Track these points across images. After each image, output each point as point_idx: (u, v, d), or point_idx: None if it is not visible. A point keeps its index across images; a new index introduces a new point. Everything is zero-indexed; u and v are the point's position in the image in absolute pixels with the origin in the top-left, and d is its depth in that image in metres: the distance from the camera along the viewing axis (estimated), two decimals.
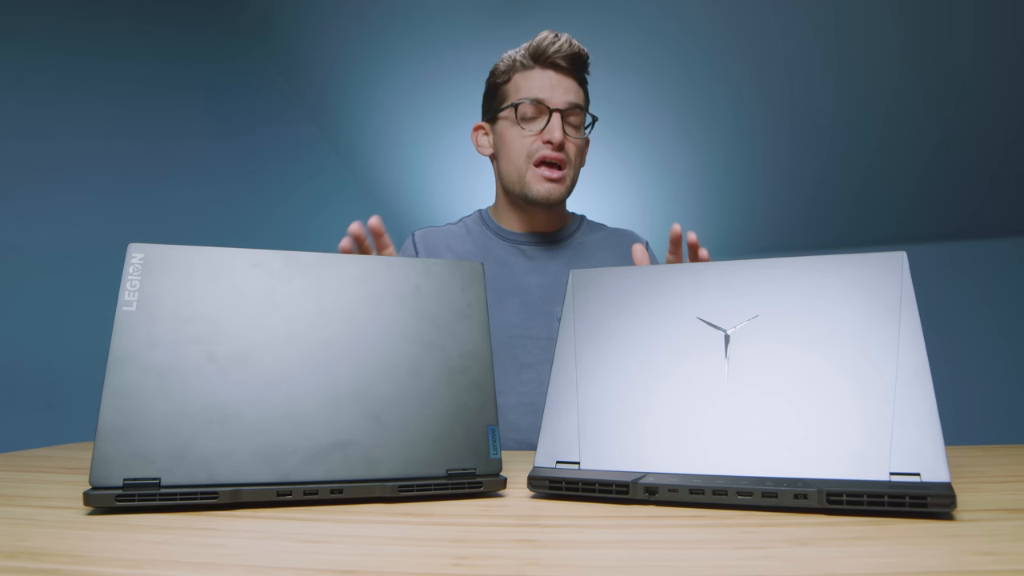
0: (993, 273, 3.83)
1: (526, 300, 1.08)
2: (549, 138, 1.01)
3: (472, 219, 1.19)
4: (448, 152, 3.42)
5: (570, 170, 1.05)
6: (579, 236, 1.17)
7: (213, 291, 0.55)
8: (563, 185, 1.05)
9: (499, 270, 1.10)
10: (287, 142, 3.03)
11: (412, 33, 2.73)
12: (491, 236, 1.14)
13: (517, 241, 1.13)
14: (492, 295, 1.08)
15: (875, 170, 3.28)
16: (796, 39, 2.60)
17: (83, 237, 1.93)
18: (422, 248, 1.13)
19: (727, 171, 3.38)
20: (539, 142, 1.03)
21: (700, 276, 0.60)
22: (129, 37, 2.16)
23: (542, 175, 1.03)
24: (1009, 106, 2.82)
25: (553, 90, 1.03)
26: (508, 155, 1.07)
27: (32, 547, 0.38)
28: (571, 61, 1.04)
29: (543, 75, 1.03)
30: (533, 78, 1.04)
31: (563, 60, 1.03)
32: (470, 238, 1.14)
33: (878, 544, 0.37)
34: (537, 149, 1.03)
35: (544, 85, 1.03)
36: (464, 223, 1.19)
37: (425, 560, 0.36)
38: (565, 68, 1.04)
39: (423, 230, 1.16)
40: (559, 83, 1.03)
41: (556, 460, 0.56)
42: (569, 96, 1.03)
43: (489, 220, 1.16)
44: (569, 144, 1.04)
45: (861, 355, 0.51)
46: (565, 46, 1.03)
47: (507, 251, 1.12)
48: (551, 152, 1.02)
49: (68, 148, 1.92)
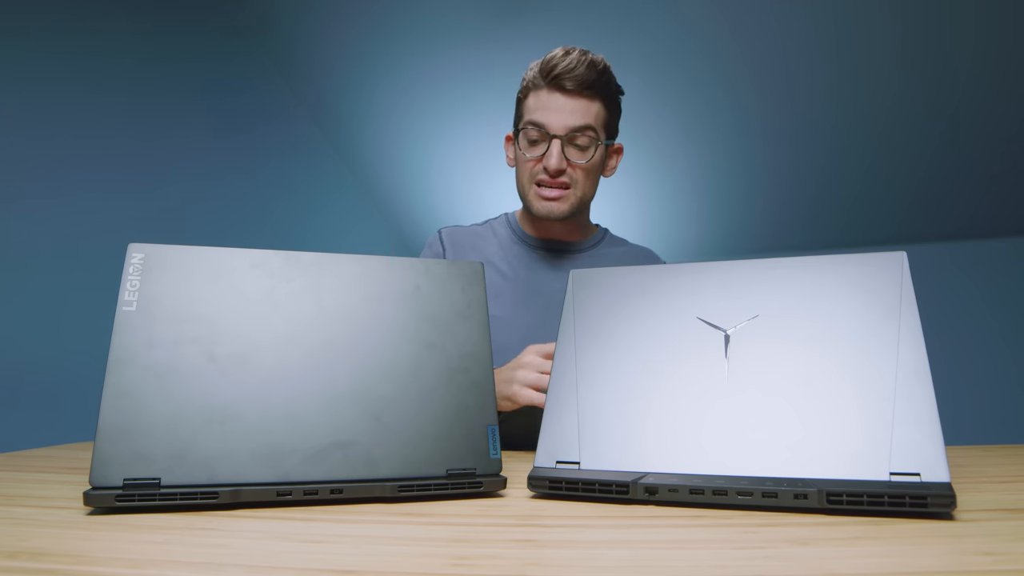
0: (993, 273, 3.83)
1: (548, 304, 1.09)
2: (546, 164, 1.02)
3: (498, 222, 1.21)
4: (448, 151, 3.42)
5: (575, 190, 1.06)
6: (601, 248, 1.19)
7: (213, 291, 0.55)
8: (565, 203, 1.06)
9: (525, 274, 1.12)
10: (287, 141, 3.03)
11: (412, 32, 2.73)
12: (516, 240, 1.17)
13: (542, 247, 1.15)
14: (515, 296, 1.10)
15: (875, 170, 3.28)
16: (796, 39, 2.60)
17: (83, 237, 1.92)
18: (449, 246, 1.14)
19: (727, 171, 3.38)
20: (540, 167, 1.04)
21: (700, 276, 0.60)
22: (129, 36, 2.16)
23: (540, 195, 1.06)
24: (1009, 106, 2.82)
25: (558, 113, 1.01)
26: (518, 172, 1.10)
27: (32, 547, 0.38)
28: (578, 82, 1.01)
29: (550, 97, 1.02)
30: (540, 99, 1.03)
31: (569, 82, 1.01)
32: (496, 240, 1.16)
33: (878, 544, 0.37)
34: (537, 172, 1.05)
35: (549, 107, 1.02)
36: (490, 225, 1.21)
37: (425, 560, 0.36)
38: (571, 89, 1.01)
39: (449, 228, 1.18)
40: (564, 105, 1.01)
41: (556, 460, 0.56)
42: (573, 120, 1.01)
43: (515, 224, 1.19)
44: (572, 169, 1.04)
45: (861, 355, 0.51)
46: (572, 65, 1.00)
47: (532, 256, 1.15)
48: (547, 178, 1.04)
49: (68, 147, 1.91)
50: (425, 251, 1.18)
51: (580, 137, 1.03)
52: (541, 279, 1.12)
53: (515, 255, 1.14)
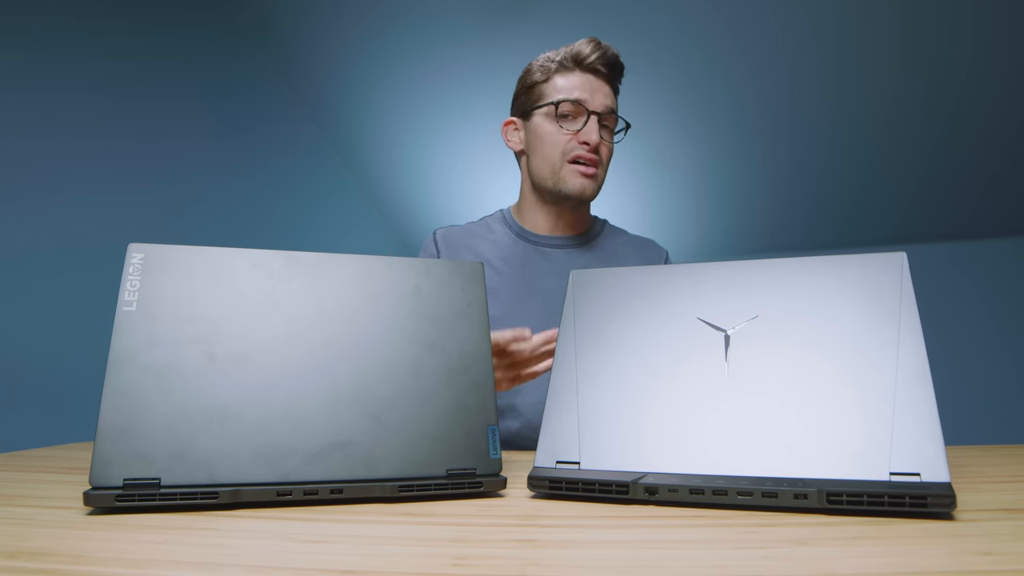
0: (993, 273, 3.83)
1: (546, 301, 1.09)
2: (586, 139, 1.04)
3: (494, 219, 1.20)
4: (448, 151, 3.42)
5: (601, 171, 1.08)
6: (602, 239, 1.18)
7: (213, 291, 0.55)
8: (596, 182, 1.08)
9: (520, 271, 1.11)
10: (287, 141, 3.03)
11: (411, 33, 2.73)
12: (513, 237, 1.15)
13: (540, 243, 1.14)
14: (513, 295, 1.09)
15: (875, 170, 3.28)
16: (796, 39, 2.60)
17: (83, 237, 1.92)
18: (444, 247, 1.14)
19: (727, 171, 3.38)
20: (575, 141, 1.05)
21: (700, 276, 0.60)
22: (129, 36, 2.16)
23: (578, 170, 1.06)
24: (1009, 106, 2.82)
25: (593, 93, 1.06)
26: (542, 151, 1.09)
27: (32, 547, 0.38)
28: (611, 68, 1.07)
29: (583, 78, 1.06)
30: (574, 79, 1.06)
31: (603, 67, 1.07)
32: (492, 238, 1.15)
33: (878, 544, 0.37)
34: (573, 148, 1.06)
35: (585, 87, 1.06)
36: (486, 222, 1.19)
37: (425, 560, 0.36)
38: (604, 74, 1.07)
39: (444, 229, 1.17)
40: (599, 88, 1.06)
41: (556, 460, 0.56)
42: (608, 101, 1.07)
43: (512, 221, 1.17)
44: (603, 147, 1.07)
45: (861, 355, 0.51)
46: (604, 52, 1.06)
47: (529, 253, 1.13)
48: (586, 153, 1.05)
49: (68, 147, 1.91)
50: (421, 254, 1.17)
51: (610, 120, 1.08)
52: (538, 276, 1.11)
53: (512, 252, 1.13)
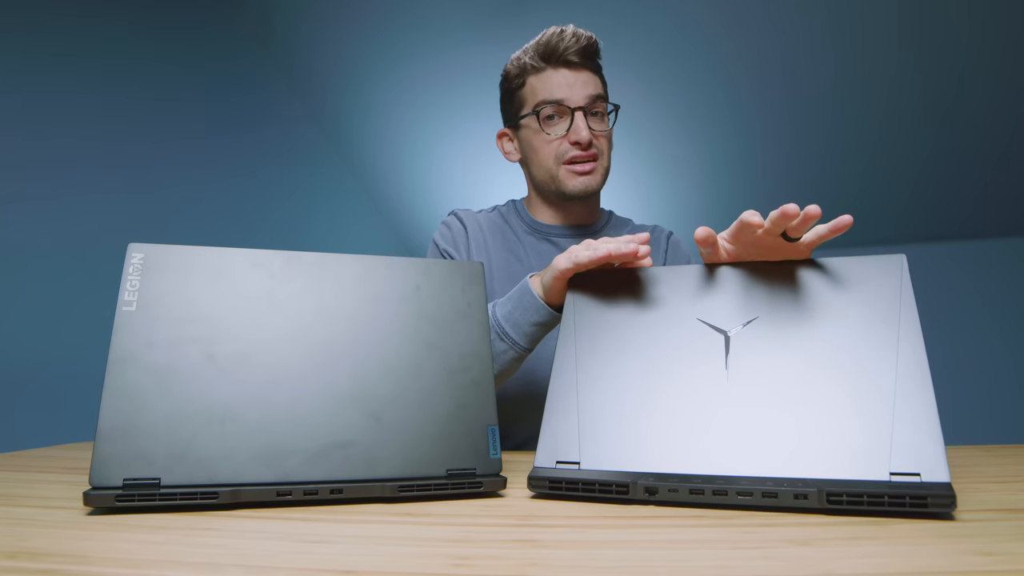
0: (993, 273, 3.83)
1: None
2: (576, 139, 1.00)
3: (505, 208, 1.18)
4: (448, 151, 3.42)
5: (603, 160, 1.05)
6: (608, 231, 1.16)
7: (213, 291, 0.55)
8: (597, 176, 1.04)
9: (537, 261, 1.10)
10: (287, 141, 3.03)
11: (411, 33, 2.73)
12: (523, 227, 1.14)
13: (549, 233, 1.13)
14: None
15: (875, 170, 3.28)
16: (795, 38, 2.60)
17: (83, 237, 1.93)
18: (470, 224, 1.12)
19: (727, 171, 3.38)
20: (566, 144, 1.01)
21: (700, 277, 0.60)
22: (129, 36, 2.16)
23: (574, 171, 1.03)
24: (1009, 105, 2.82)
25: (571, 88, 1.01)
26: (536, 160, 1.06)
27: (32, 547, 0.38)
28: (582, 54, 1.02)
29: (557, 74, 1.01)
30: (548, 79, 1.02)
31: (576, 56, 1.01)
32: (503, 223, 1.14)
33: (878, 544, 0.37)
34: (565, 151, 1.02)
35: (561, 84, 1.01)
36: (498, 210, 1.18)
37: (425, 560, 0.36)
38: (577, 63, 1.02)
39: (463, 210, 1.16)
40: (575, 79, 1.01)
41: (556, 460, 0.56)
42: (588, 89, 1.01)
43: (523, 211, 1.16)
44: (597, 138, 1.03)
45: (861, 356, 0.51)
46: (573, 41, 1.00)
47: (538, 242, 1.12)
48: (580, 152, 1.01)
49: (68, 147, 1.91)
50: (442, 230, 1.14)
51: (597, 105, 1.03)
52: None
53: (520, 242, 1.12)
